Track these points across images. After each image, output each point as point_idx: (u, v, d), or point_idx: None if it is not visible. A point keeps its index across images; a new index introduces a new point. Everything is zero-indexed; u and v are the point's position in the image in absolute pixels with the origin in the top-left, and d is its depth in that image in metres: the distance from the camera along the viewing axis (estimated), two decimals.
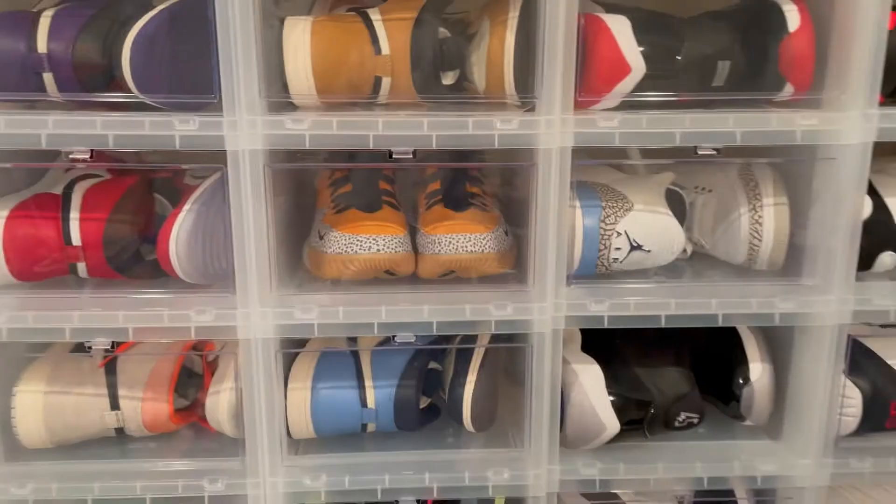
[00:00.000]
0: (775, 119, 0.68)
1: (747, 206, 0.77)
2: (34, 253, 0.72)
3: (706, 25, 0.73)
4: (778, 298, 0.72)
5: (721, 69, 0.71)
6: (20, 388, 0.75)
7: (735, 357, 0.79)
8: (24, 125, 0.64)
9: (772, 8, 0.71)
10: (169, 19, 0.66)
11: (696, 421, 0.78)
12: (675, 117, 0.68)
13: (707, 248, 0.82)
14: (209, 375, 0.79)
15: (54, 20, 0.67)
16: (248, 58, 0.65)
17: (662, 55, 0.70)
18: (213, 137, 0.66)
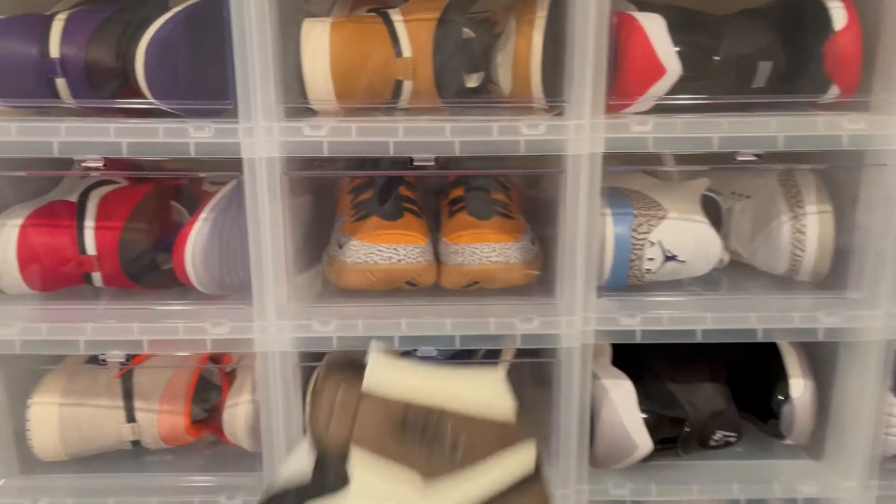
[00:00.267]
0: (821, 123, 0.64)
1: (789, 213, 0.73)
2: (48, 263, 0.70)
3: (745, 24, 0.69)
4: (822, 312, 0.68)
5: (762, 70, 0.67)
6: (35, 400, 0.74)
7: (775, 372, 0.75)
8: (36, 132, 0.63)
9: (816, 5, 0.67)
10: (184, 23, 0.64)
11: (733, 439, 0.74)
12: (713, 121, 0.64)
13: (745, 257, 0.78)
14: (227, 387, 0.77)
15: (67, 24, 0.65)
16: (265, 62, 0.62)
17: (699, 55, 0.66)
18: (229, 145, 0.63)
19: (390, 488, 0.40)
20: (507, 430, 0.40)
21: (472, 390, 0.41)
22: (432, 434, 0.39)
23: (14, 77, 0.65)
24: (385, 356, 0.42)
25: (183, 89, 0.65)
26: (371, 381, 0.40)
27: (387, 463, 0.39)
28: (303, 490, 0.41)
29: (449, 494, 0.39)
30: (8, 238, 0.69)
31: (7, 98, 0.66)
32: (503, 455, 0.40)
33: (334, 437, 0.40)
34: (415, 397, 0.40)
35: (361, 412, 0.40)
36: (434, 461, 0.39)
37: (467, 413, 0.40)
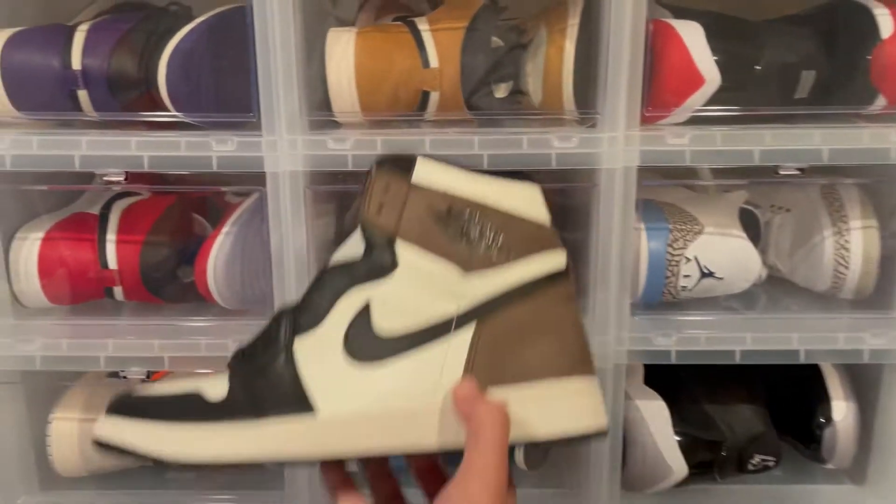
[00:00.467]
0: (867, 135, 0.61)
1: (831, 228, 0.69)
2: (69, 276, 0.69)
3: (788, 31, 0.66)
4: (868, 333, 0.65)
5: (805, 80, 0.64)
6: (56, 416, 0.72)
7: (816, 393, 0.72)
8: (57, 146, 0.62)
9: (862, 12, 0.64)
10: (207, 33, 0.63)
11: (772, 464, 0.71)
12: (754, 133, 0.61)
13: (784, 272, 0.75)
14: None
15: (89, 35, 0.64)
16: (289, 74, 0.60)
17: (739, 65, 0.64)
18: (252, 158, 0.62)
19: (432, 274, 0.42)
20: (542, 232, 0.43)
21: (512, 195, 0.43)
22: (473, 227, 0.42)
23: (36, 89, 0.64)
24: (432, 159, 0.44)
25: (206, 101, 0.63)
26: (419, 176, 0.43)
27: (430, 251, 0.42)
28: (353, 270, 0.43)
29: (484, 283, 0.42)
30: (29, 252, 0.68)
31: (29, 111, 0.65)
32: (537, 253, 0.42)
33: (383, 226, 0.42)
34: (459, 193, 0.42)
35: (409, 203, 0.42)
36: (473, 253, 0.42)
37: (507, 213, 0.42)
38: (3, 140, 0.62)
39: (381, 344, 0.41)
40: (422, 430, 0.40)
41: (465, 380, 0.40)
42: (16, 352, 0.66)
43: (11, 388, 0.71)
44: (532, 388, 0.41)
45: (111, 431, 0.41)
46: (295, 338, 0.42)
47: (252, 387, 0.41)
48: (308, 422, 0.40)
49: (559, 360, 0.41)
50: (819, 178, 0.70)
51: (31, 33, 0.65)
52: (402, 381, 0.40)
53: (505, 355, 0.41)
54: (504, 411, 0.38)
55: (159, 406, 0.42)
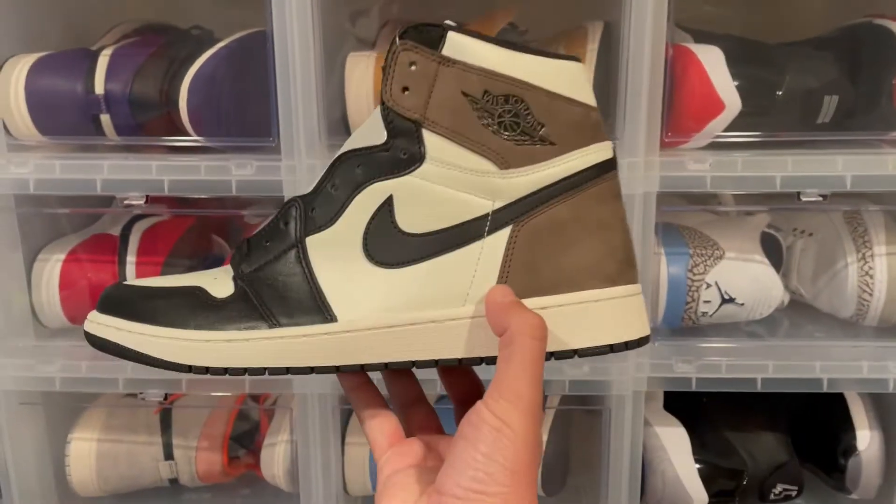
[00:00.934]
0: (892, 162, 0.60)
1: (856, 254, 0.68)
2: (90, 297, 0.69)
3: (809, 55, 0.66)
4: (893, 362, 0.64)
5: (827, 105, 0.64)
6: (75, 436, 0.73)
7: (840, 422, 0.71)
8: (80, 170, 0.62)
9: (885, 35, 0.64)
10: (227, 59, 0.63)
11: (794, 494, 0.70)
12: (775, 159, 0.61)
13: (807, 297, 0.74)
14: (266, 425, 0.75)
15: (112, 60, 0.65)
16: (308, 99, 0.61)
17: (760, 90, 0.63)
18: (271, 182, 0.62)
19: (464, 168, 0.36)
20: (588, 117, 0.37)
21: (556, 73, 0.36)
22: (513, 113, 0.36)
23: (59, 113, 0.65)
24: (461, 29, 0.37)
25: (226, 125, 0.64)
26: (451, 49, 0.36)
27: (462, 141, 0.36)
28: (372, 160, 0.37)
29: (524, 180, 0.36)
30: (51, 272, 0.69)
31: (52, 134, 0.66)
32: (584, 146, 0.37)
33: (408, 109, 0.37)
34: (497, 71, 0.36)
35: (439, 83, 0.36)
36: (511, 144, 0.36)
37: (551, 94, 0.36)
38: (27, 164, 0.63)
39: (404, 245, 0.37)
40: (449, 341, 0.37)
41: (500, 287, 0.36)
42: (36, 373, 0.67)
43: (32, 408, 0.71)
44: (572, 297, 0.36)
45: (105, 331, 0.38)
46: (307, 237, 0.38)
47: (261, 288, 0.38)
48: (325, 331, 0.37)
49: (603, 267, 0.37)
50: (842, 205, 0.69)
51: (55, 58, 0.66)
52: (429, 288, 0.37)
53: (543, 261, 0.37)
54: (541, 322, 0.34)
55: (156, 302, 0.38)
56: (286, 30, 0.59)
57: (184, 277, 0.40)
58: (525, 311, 0.34)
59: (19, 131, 0.65)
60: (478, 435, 0.32)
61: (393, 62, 0.37)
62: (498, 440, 0.31)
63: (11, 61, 0.65)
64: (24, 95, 0.64)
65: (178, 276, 0.40)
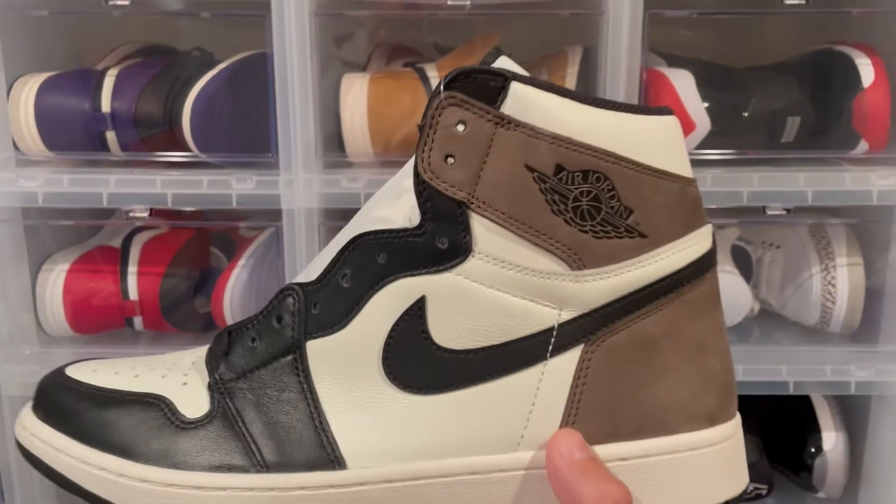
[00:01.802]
0: (849, 178, 0.65)
1: (819, 265, 0.73)
2: (92, 306, 0.72)
3: (774, 79, 0.70)
4: (854, 366, 0.68)
5: (790, 125, 0.68)
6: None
7: (807, 424, 0.75)
8: (87, 184, 0.65)
9: (845, 61, 0.69)
10: (228, 79, 0.67)
11: (764, 492, 0.74)
12: (742, 175, 0.65)
13: (775, 307, 0.78)
14: None
15: (118, 79, 0.69)
16: (306, 117, 0.64)
17: (728, 111, 0.68)
18: (270, 196, 0.65)
19: (524, 267, 0.28)
20: (686, 195, 0.28)
21: (646, 134, 0.28)
22: (593, 196, 0.27)
23: (67, 130, 0.68)
24: (526, 79, 0.28)
25: (227, 142, 0.67)
26: (513, 105, 0.27)
27: (523, 231, 0.27)
28: (400, 248, 0.28)
29: (603, 284, 0.28)
30: (55, 283, 0.72)
31: (59, 150, 0.69)
32: (682, 236, 0.29)
33: (452, 185, 0.27)
34: (572, 136, 0.27)
35: (496, 149, 0.27)
36: (589, 237, 0.27)
37: (641, 167, 0.28)
38: (36, 178, 0.66)
39: (438, 365, 0.28)
40: (494, 499, 0.28)
41: (567, 433, 0.27)
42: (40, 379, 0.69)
43: None
44: (661, 445, 0.28)
45: (39, 448, 0.29)
46: (307, 341, 0.29)
47: (245, 408, 0.28)
48: (330, 482, 0.28)
49: (701, 402, 0.29)
50: (806, 218, 0.73)
51: (62, 78, 0.69)
52: (470, 425, 0.28)
53: (625, 394, 0.28)
54: (627, 498, 0.26)
55: (106, 415, 0.29)
56: (285, 53, 0.63)
57: (144, 374, 0.30)
58: (604, 481, 0.26)
59: (27, 147, 0.68)
60: None
61: (434, 120, 0.28)
62: None
63: (21, 81, 0.68)
64: (33, 113, 0.67)
65: (135, 365, 0.31)
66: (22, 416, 0.31)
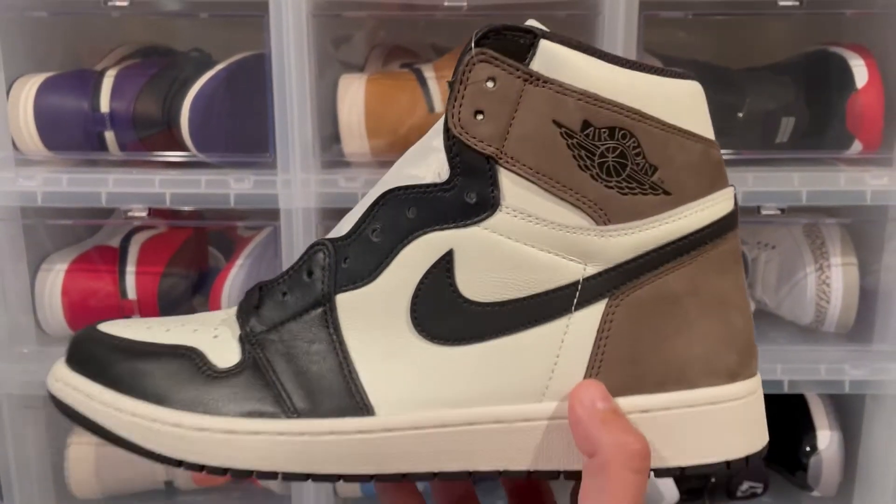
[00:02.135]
0: (843, 178, 0.66)
1: (814, 265, 0.73)
2: (91, 306, 0.73)
3: (768, 80, 0.71)
4: (848, 365, 0.69)
5: (785, 126, 0.69)
6: (74, 440, 0.75)
7: (802, 423, 0.75)
8: (86, 183, 0.66)
9: (839, 62, 0.69)
10: (226, 79, 0.67)
11: (759, 490, 0.74)
12: (737, 175, 0.66)
13: (770, 306, 0.78)
14: None
15: (117, 80, 0.69)
16: (304, 118, 0.65)
17: (723, 111, 0.68)
18: (268, 196, 0.66)
19: (551, 221, 0.28)
20: (710, 156, 0.29)
21: (672, 96, 0.29)
22: (619, 153, 0.28)
23: (66, 130, 0.68)
24: (555, 36, 0.28)
25: (225, 142, 0.68)
26: (542, 63, 0.28)
27: (550, 186, 0.28)
28: (428, 202, 0.29)
29: (627, 240, 0.29)
30: (54, 283, 0.72)
31: (58, 150, 0.69)
32: (705, 195, 0.29)
33: (481, 140, 0.28)
34: (600, 94, 0.28)
35: (524, 105, 0.28)
36: (615, 193, 0.28)
37: (667, 126, 0.28)
38: (35, 178, 0.66)
39: (465, 317, 0.29)
40: (519, 447, 0.29)
41: (590, 384, 0.28)
42: (39, 378, 0.69)
43: (33, 412, 0.74)
44: (683, 398, 0.29)
45: (72, 397, 0.30)
46: (337, 294, 0.30)
47: (276, 358, 0.29)
48: (359, 428, 0.29)
49: (722, 358, 0.29)
50: (801, 218, 0.74)
51: (61, 78, 0.70)
52: (496, 376, 0.29)
53: (647, 348, 0.29)
54: (645, 450, 0.26)
55: (139, 364, 0.30)
56: (283, 53, 0.64)
57: (175, 328, 0.32)
58: (624, 431, 0.27)
59: (27, 147, 0.69)
60: None
61: (464, 76, 0.28)
62: None
63: (20, 81, 0.69)
64: (32, 113, 0.67)
65: (167, 322, 0.32)
66: (55, 369, 0.32)
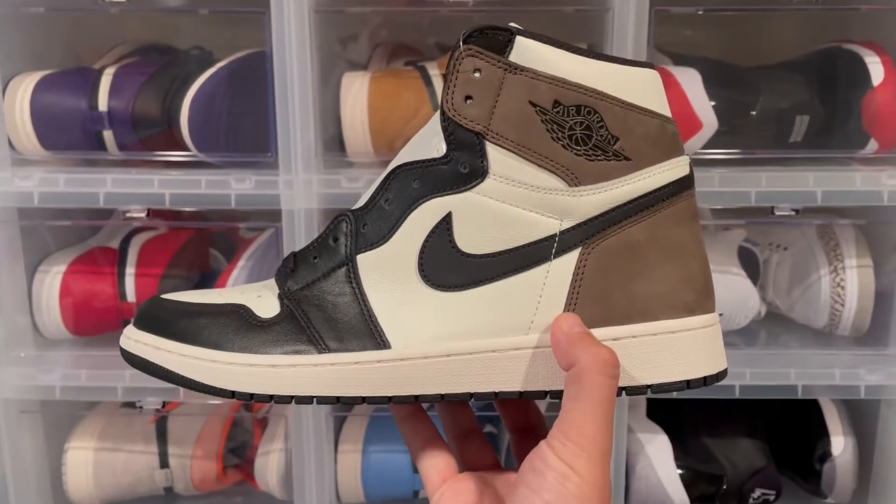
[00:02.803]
0: (860, 178, 0.64)
1: (828, 267, 0.72)
2: (89, 309, 0.71)
3: (782, 78, 0.69)
4: (863, 369, 0.67)
5: (799, 124, 0.67)
6: (72, 445, 0.74)
7: (815, 429, 0.74)
8: (83, 184, 0.64)
9: (854, 60, 0.67)
10: (227, 78, 0.66)
11: (772, 498, 0.73)
12: (750, 175, 0.64)
13: (783, 309, 0.77)
14: (259, 433, 0.77)
15: (115, 78, 0.68)
16: (306, 117, 0.63)
17: (736, 110, 0.66)
18: (269, 196, 0.64)
19: (530, 185, 0.34)
20: (665, 130, 0.35)
21: (631, 81, 0.34)
22: (585, 126, 0.34)
23: (63, 130, 0.67)
24: (529, 33, 0.34)
25: (225, 142, 0.66)
26: (519, 55, 0.34)
27: (529, 156, 0.34)
28: (429, 174, 0.35)
29: (595, 198, 0.34)
30: (51, 285, 0.71)
31: (55, 150, 0.68)
32: (661, 161, 0.34)
33: (470, 120, 0.34)
34: (568, 79, 0.34)
35: (505, 91, 0.34)
36: (583, 160, 0.34)
37: (626, 104, 0.34)
38: (32, 178, 0.65)
39: (463, 267, 0.35)
40: (511, 372, 0.35)
41: (568, 315, 0.34)
42: (37, 382, 0.68)
43: (31, 416, 0.72)
44: (647, 328, 0.34)
45: (143, 350, 0.36)
46: (358, 255, 0.36)
47: (309, 309, 0.36)
48: (378, 358, 0.35)
49: (680, 295, 0.34)
50: (815, 219, 0.72)
51: (59, 76, 0.68)
52: (489, 314, 0.35)
53: (615, 287, 0.34)
54: (614, 358, 0.31)
55: (198, 320, 0.36)
56: (285, 51, 0.62)
57: (225, 293, 0.38)
58: (596, 345, 0.32)
59: (23, 146, 0.67)
60: (542, 483, 0.30)
61: (455, 68, 0.34)
62: (564, 488, 0.30)
63: (17, 79, 0.67)
64: (28, 112, 0.66)
65: (217, 291, 0.39)
66: (126, 331, 0.38)
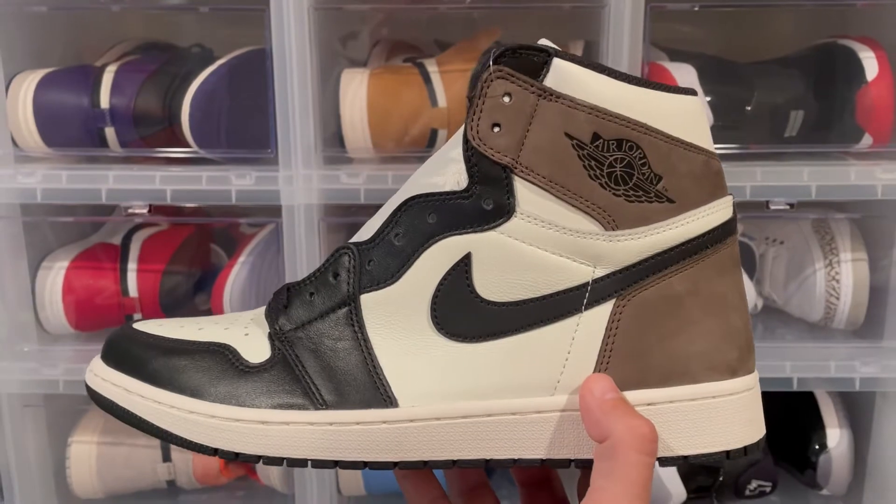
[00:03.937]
0: (854, 172, 0.64)
1: (823, 261, 0.72)
2: (92, 304, 0.72)
3: (777, 73, 0.70)
4: (858, 362, 0.68)
5: (794, 119, 0.68)
6: (75, 439, 0.75)
7: (811, 421, 0.74)
8: (85, 180, 0.65)
9: (848, 55, 0.68)
10: (228, 75, 0.67)
11: (768, 489, 0.73)
12: (745, 170, 0.65)
13: (779, 303, 0.77)
14: None
15: (117, 76, 0.68)
16: (305, 113, 0.64)
17: (731, 105, 0.67)
18: (269, 192, 0.65)
19: (562, 227, 0.31)
20: (710, 167, 0.31)
21: (673, 111, 0.31)
22: (626, 163, 0.30)
23: (65, 127, 0.68)
24: (567, 55, 0.31)
25: (226, 138, 0.67)
26: (555, 80, 0.30)
27: (562, 194, 0.31)
28: (448, 209, 0.32)
29: (634, 244, 0.31)
30: (54, 280, 0.72)
31: (58, 146, 0.68)
32: (706, 203, 0.31)
33: (497, 151, 0.30)
34: (608, 109, 0.30)
35: (538, 120, 0.30)
36: (622, 201, 0.31)
37: (669, 138, 0.30)
38: (35, 174, 0.65)
39: (482, 315, 0.31)
40: (533, 437, 0.31)
41: (599, 377, 0.30)
42: (40, 376, 0.69)
43: (34, 411, 0.73)
44: (686, 392, 0.31)
45: (111, 391, 0.32)
46: (361, 294, 0.32)
47: (304, 355, 0.32)
48: (384, 419, 0.31)
49: (723, 354, 0.31)
50: (809, 213, 0.73)
51: (61, 74, 0.69)
52: (511, 370, 0.31)
53: (653, 345, 0.31)
54: (653, 433, 0.28)
55: (174, 361, 0.32)
56: (284, 48, 0.63)
57: (207, 326, 0.34)
58: (632, 416, 0.29)
59: (26, 143, 0.68)
60: None
61: (483, 92, 0.31)
62: None
63: (19, 77, 0.68)
64: (31, 109, 0.67)
65: (196, 321, 0.35)
66: (93, 365, 0.33)
